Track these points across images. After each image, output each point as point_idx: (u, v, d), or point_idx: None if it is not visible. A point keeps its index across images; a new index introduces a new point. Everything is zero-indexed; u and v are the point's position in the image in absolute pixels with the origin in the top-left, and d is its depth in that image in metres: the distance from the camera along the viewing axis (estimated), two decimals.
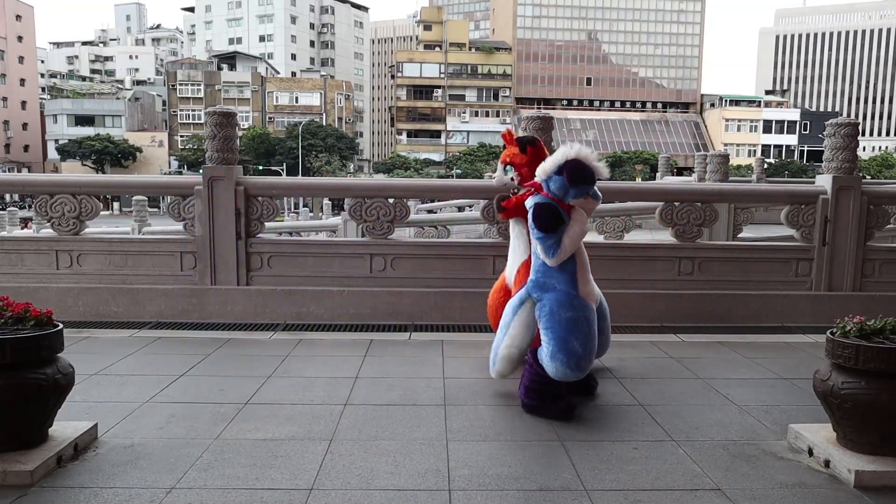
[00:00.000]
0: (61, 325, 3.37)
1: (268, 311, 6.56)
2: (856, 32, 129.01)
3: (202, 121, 53.09)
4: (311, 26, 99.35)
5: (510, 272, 4.74)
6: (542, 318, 4.04)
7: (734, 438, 3.76)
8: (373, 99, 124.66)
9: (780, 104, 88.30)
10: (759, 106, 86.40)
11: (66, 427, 3.46)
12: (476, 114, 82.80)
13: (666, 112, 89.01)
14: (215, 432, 3.73)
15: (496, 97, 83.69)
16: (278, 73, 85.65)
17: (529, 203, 4.10)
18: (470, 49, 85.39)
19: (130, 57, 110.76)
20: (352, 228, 14.14)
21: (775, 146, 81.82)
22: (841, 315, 3.59)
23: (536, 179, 4.12)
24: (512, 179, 4.71)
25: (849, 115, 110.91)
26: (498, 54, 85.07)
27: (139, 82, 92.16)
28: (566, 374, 3.94)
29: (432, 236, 12.07)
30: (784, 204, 7.02)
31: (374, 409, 4.17)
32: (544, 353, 4.00)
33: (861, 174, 7.73)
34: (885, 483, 3.17)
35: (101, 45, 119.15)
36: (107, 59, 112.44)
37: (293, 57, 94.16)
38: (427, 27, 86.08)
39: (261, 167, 60.51)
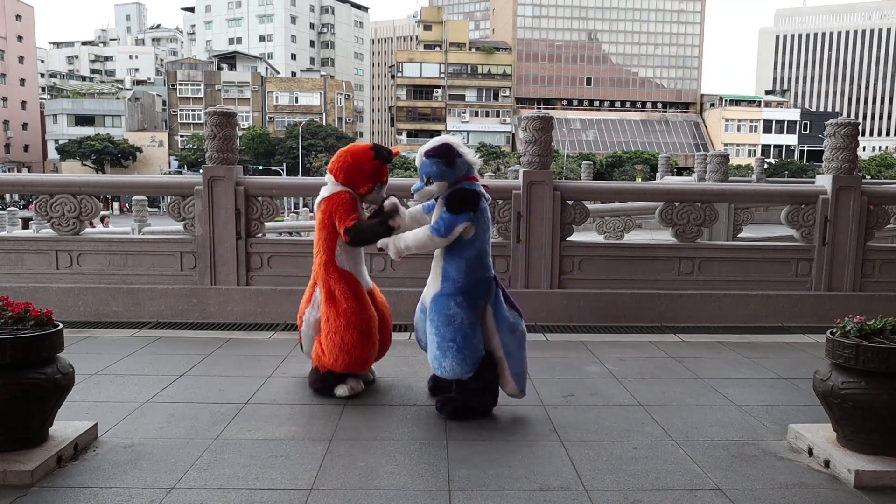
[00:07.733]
0: (61, 325, 3.37)
1: (268, 311, 6.56)
2: (856, 32, 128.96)
3: (202, 121, 53.09)
4: (311, 26, 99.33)
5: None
6: None
7: (734, 438, 3.76)
8: (373, 99, 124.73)
9: (780, 104, 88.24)
10: (759, 106, 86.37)
11: (66, 427, 3.46)
12: (476, 114, 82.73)
13: (666, 112, 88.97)
14: (215, 432, 3.73)
15: (496, 97, 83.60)
16: (278, 73, 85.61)
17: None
18: (470, 49, 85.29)
19: (130, 57, 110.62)
20: None
21: (775, 146, 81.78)
22: (841, 315, 3.59)
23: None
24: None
25: (849, 115, 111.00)
26: (498, 54, 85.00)
27: (139, 82, 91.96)
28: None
29: None
30: (784, 204, 7.03)
31: (373, 408, 4.17)
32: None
33: (861, 174, 7.74)
34: (885, 483, 3.17)
35: (101, 45, 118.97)
36: (107, 59, 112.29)
37: (293, 57, 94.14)
38: (427, 27, 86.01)
39: (261, 167, 60.48)
